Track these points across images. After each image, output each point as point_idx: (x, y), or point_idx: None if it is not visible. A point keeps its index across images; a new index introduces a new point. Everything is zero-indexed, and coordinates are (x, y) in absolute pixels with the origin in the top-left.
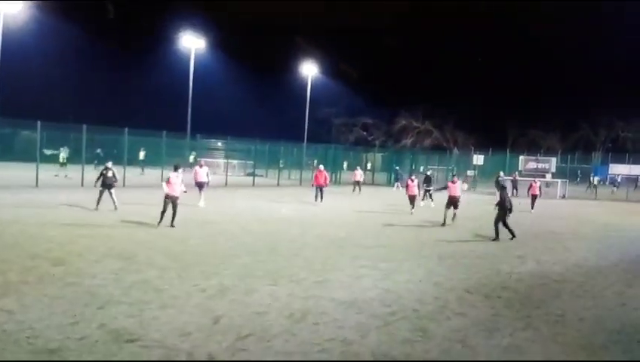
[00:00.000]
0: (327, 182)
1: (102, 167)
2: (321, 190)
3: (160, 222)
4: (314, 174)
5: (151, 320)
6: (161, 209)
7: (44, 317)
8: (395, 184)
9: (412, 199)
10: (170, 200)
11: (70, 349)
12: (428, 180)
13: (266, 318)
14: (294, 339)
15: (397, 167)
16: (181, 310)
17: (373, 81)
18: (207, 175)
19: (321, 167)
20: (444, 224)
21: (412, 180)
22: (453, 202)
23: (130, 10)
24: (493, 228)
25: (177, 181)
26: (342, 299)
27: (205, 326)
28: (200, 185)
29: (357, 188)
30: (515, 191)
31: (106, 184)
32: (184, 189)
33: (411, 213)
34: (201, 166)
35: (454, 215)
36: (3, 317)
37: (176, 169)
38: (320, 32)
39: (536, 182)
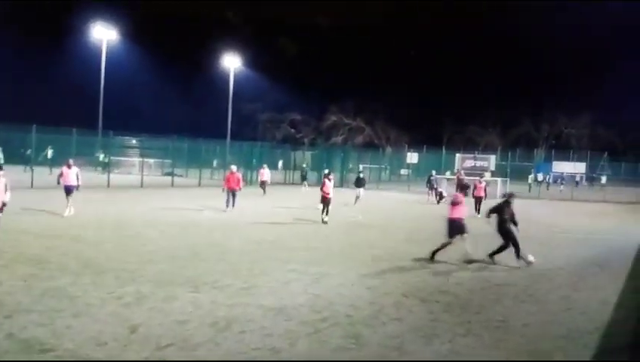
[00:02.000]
0: (241, 184)
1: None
2: (233, 194)
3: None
4: (225, 176)
5: (64, 329)
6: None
7: None
8: (304, 183)
9: (326, 202)
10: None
11: None
12: (359, 182)
13: (187, 327)
14: (218, 349)
15: (304, 165)
16: (96, 318)
17: (303, 74)
18: (78, 177)
19: (234, 167)
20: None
21: (329, 179)
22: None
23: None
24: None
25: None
26: (270, 306)
27: (122, 336)
28: (68, 190)
29: (263, 189)
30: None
31: None
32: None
33: (323, 221)
34: (69, 166)
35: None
36: None
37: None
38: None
39: (480, 183)
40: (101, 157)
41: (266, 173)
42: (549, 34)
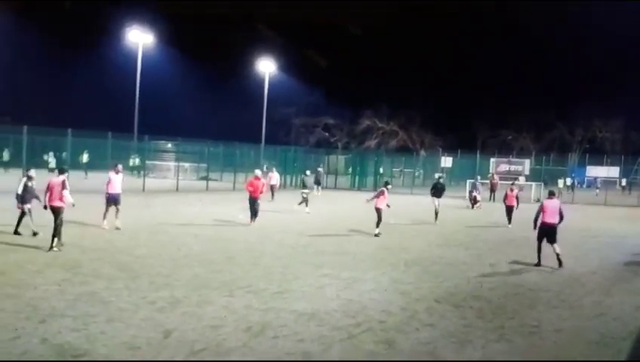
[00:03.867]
0: (264, 190)
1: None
2: (254, 204)
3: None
4: (246, 182)
5: (97, 335)
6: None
7: None
8: (318, 188)
9: (379, 214)
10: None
11: None
12: (438, 190)
13: (221, 332)
14: (252, 354)
15: (319, 168)
16: (129, 323)
17: (336, 79)
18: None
19: (258, 172)
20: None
21: (388, 189)
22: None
23: (73, 2)
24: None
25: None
26: (303, 311)
27: (155, 341)
28: (114, 200)
29: (272, 193)
30: (492, 196)
31: (26, 199)
32: (71, 201)
33: (375, 235)
34: (117, 172)
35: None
36: None
37: (61, 172)
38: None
39: (512, 190)
40: (131, 161)
41: (275, 177)
42: (583, 36)
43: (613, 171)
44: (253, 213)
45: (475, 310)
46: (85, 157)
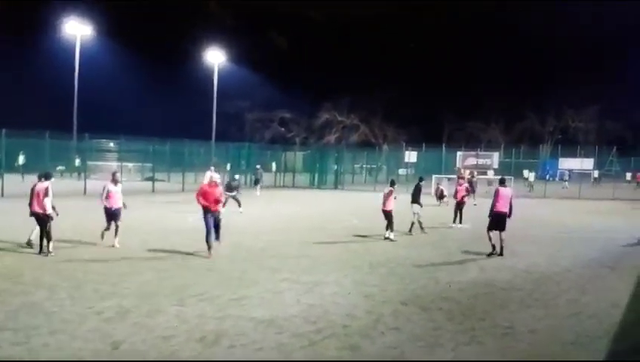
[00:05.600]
0: (222, 203)
1: None
2: (211, 221)
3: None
4: (198, 191)
5: (40, 348)
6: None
7: None
8: (257, 187)
9: (389, 217)
10: (36, 218)
11: None
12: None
13: (173, 342)
14: None
15: (258, 166)
16: (74, 335)
17: (294, 70)
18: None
19: (213, 175)
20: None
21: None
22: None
23: None
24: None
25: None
26: (261, 318)
27: (103, 353)
28: (113, 215)
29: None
30: (472, 192)
31: None
32: (49, 210)
33: (390, 239)
34: (115, 181)
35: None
36: None
37: (46, 178)
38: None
39: (461, 184)
40: (76, 162)
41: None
42: (552, 23)
43: (587, 163)
44: (212, 235)
45: (444, 312)
46: (21, 159)
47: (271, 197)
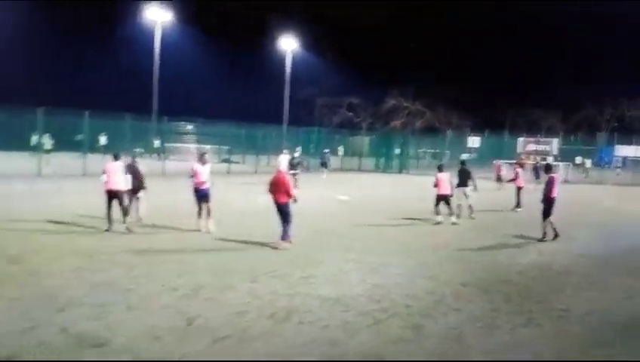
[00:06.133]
0: (292, 194)
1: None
2: (283, 213)
3: (109, 227)
4: (271, 180)
5: (117, 323)
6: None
7: (1, 320)
8: (324, 170)
9: (447, 200)
10: (113, 196)
11: (27, 356)
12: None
13: (245, 318)
14: (276, 341)
15: (325, 150)
16: (150, 311)
17: (361, 57)
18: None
19: (282, 161)
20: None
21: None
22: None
23: None
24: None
25: (118, 172)
26: (328, 296)
27: (178, 329)
28: (204, 195)
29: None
30: (537, 178)
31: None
32: (123, 187)
33: (453, 223)
34: (203, 161)
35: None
36: None
37: (116, 158)
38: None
39: (517, 169)
40: (156, 143)
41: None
42: (610, 12)
43: None
44: (285, 228)
45: (503, 294)
46: (103, 140)
47: (337, 180)
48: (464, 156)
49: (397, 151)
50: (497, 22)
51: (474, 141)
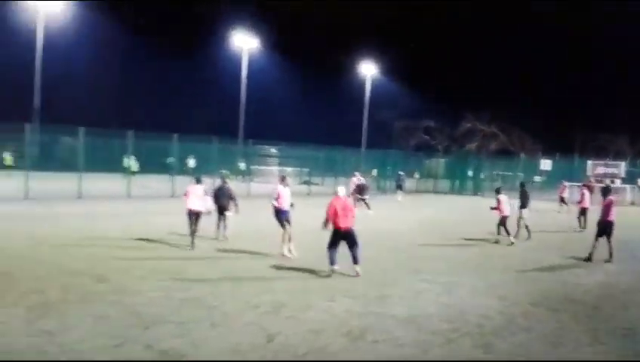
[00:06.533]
0: (351, 215)
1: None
2: (346, 238)
3: (192, 245)
4: (329, 207)
5: (201, 340)
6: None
7: (87, 338)
8: (400, 192)
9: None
10: (194, 216)
11: None
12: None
13: (322, 336)
14: (352, 358)
15: (400, 173)
16: (233, 328)
17: (437, 80)
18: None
19: (340, 189)
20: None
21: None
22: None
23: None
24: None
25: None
26: (402, 316)
27: (259, 346)
28: (286, 218)
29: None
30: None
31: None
32: (209, 208)
33: (510, 243)
34: (285, 184)
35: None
36: (43, 339)
37: (198, 181)
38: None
39: (583, 192)
40: (241, 166)
41: (359, 181)
42: None
43: None
44: (354, 255)
45: (570, 313)
46: (192, 163)
47: (412, 201)
48: (537, 178)
49: (470, 173)
50: (572, 52)
51: (546, 164)
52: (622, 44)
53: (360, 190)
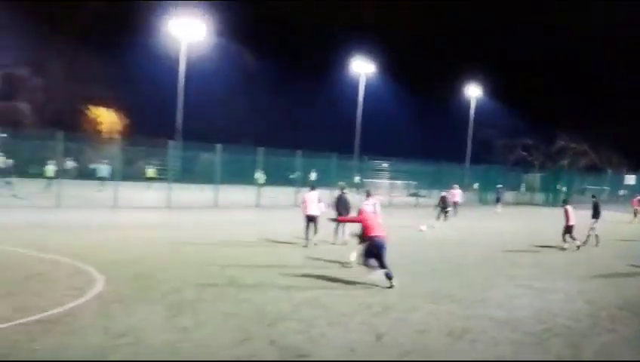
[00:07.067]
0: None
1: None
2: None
3: (307, 243)
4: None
5: (319, 337)
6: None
7: (217, 334)
8: (498, 205)
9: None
10: (310, 220)
11: None
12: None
13: (426, 336)
14: (453, 356)
15: (499, 186)
16: (347, 327)
17: (536, 100)
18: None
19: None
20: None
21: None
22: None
23: (301, 37)
24: None
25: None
26: (499, 318)
27: (369, 343)
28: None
29: (444, 212)
30: None
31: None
32: (318, 213)
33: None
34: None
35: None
36: (178, 335)
37: (313, 188)
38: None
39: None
40: (356, 179)
41: (458, 194)
42: None
43: None
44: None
45: None
46: (313, 176)
47: (511, 213)
48: (621, 192)
49: (562, 187)
50: None
51: (630, 179)
52: None
53: (443, 202)
